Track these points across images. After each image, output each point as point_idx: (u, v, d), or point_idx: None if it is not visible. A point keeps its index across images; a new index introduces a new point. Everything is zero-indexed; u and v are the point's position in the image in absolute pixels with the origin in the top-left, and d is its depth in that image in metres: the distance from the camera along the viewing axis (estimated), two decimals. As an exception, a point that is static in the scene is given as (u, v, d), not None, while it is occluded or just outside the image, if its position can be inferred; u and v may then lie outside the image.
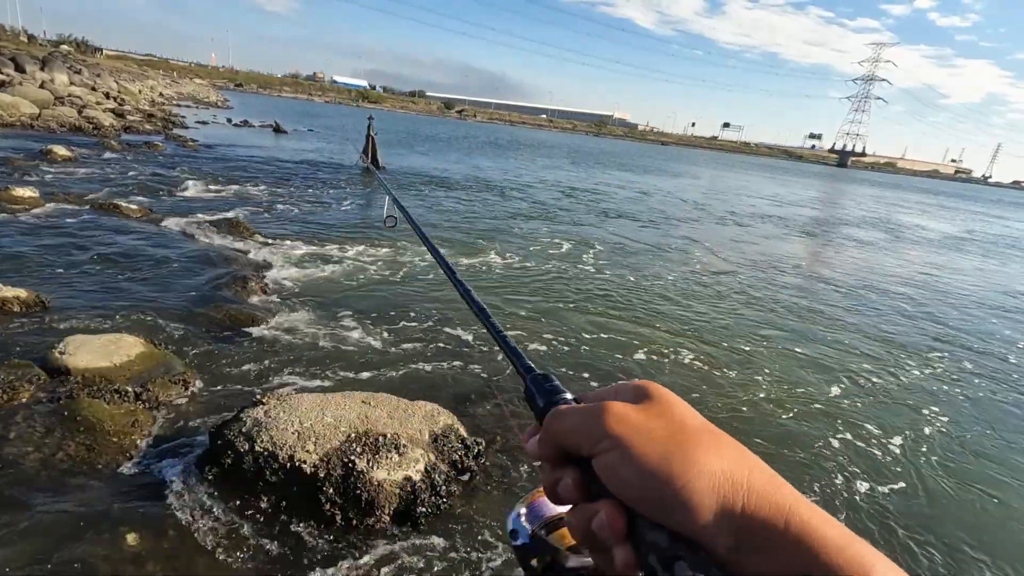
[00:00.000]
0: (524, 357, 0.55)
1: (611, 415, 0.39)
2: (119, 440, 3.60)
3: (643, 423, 0.39)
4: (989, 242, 24.30)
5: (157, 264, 7.19)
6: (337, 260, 8.48)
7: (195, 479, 3.32)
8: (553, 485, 0.42)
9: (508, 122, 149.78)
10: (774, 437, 4.88)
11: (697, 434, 0.38)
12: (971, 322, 9.78)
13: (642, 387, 0.42)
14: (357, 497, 3.17)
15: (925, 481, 4.55)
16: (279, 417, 3.43)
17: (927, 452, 5.00)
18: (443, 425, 3.85)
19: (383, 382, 4.93)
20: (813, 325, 8.25)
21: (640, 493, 0.36)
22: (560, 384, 0.49)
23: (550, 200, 18.78)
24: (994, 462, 5.03)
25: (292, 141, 28.94)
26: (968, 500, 4.42)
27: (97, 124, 21.28)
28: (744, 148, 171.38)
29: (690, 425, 0.39)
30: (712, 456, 0.37)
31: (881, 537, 3.79)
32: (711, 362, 6.33)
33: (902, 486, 4.42)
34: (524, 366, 0.53)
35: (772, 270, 11.86)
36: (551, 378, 0.50)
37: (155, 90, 49.70)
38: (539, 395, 0.49)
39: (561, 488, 0.41)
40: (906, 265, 15.07)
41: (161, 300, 6.04)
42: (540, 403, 0.48)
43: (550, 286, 8.58)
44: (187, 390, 4.36)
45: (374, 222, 11.62)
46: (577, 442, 0.41)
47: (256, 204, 11.89)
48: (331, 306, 6.51)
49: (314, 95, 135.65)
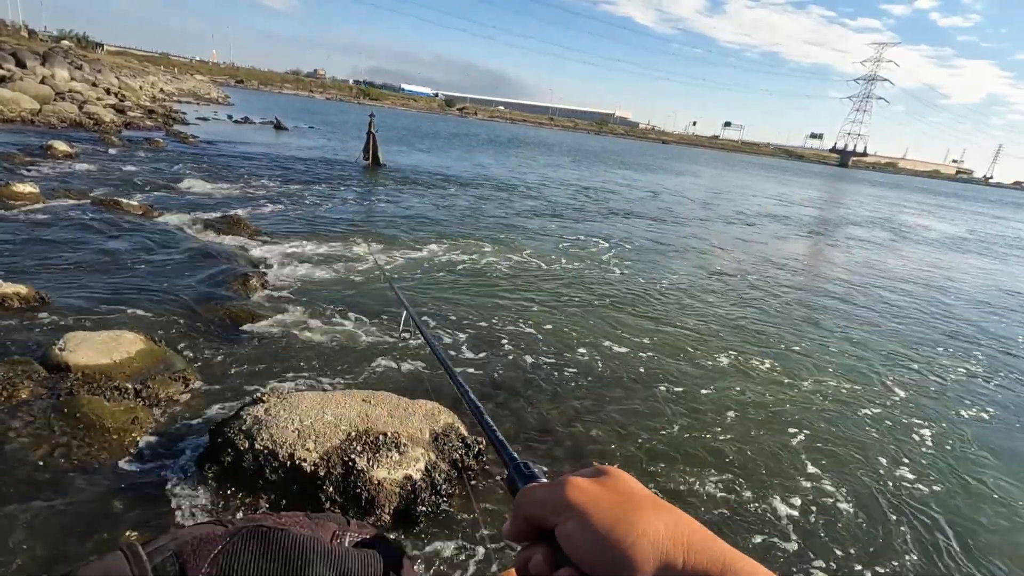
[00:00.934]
0: (508, 447, 0.60)
1: (571, 487, 0.45)
2: (119, 437, 3.60)
3: (597, 493, 0.44)
4: (1001, 244, 24.26)
5: (158, 261, 7.18)
6: (338, 258, 8.47)
7: (195, 477, 3.32)
8: (524, 563, 0.46)
9: (509, 120, 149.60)
10: (818, 427, 4.87)
11: (641, 502, 0.43)
12: (986, 320, 9.77)
13: (601, 468, 0.48)
14: (357, 496, 3.16)
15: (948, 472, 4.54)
16: (279, 415, 3.42)
17: (955, 445, 5.00)
18: (444, 424, 3.84)
19: (384, 381, 4.92)
20: (829, 320, 8.24)
21: (593, 556, 0.41)
22: (538, 470, 0.55)
23: (555, 198, 18.75)
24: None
25: (293, 138, 28.91)
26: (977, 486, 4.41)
27: (98, 120, 21.26)
28: (745, 147, 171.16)
29: (636, 495, 0.44)
30: (653, 520, 0.42)
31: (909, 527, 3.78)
32: (745, 363, 6.32)
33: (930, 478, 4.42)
34: (508, 455, 0.58)
35: (785, 269, 11.84)
36: (531, 465, 0.55)
37: (156, 86, 49.63)
38: (518, 479, 0.54)
39: (532, 565, 0.45)
40: (926, 264, 15.05)
41: (162, 297, 6.03)
42: (518, 485, 0.52)
43: (559, 283, 8.56)
44: (187, 388, 4.35)
45: (375, 220, 11.60)
46: (542, 513, 0.45)
47: (257, 201, 11.88)
48: (332, 304, 6.50)
49: (315, 92, 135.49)
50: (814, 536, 3.72)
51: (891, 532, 3.87)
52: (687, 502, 3.85)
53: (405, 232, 10.79)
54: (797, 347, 7.19)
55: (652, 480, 4.05)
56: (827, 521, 3.87)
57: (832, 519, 3.91)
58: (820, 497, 4.13)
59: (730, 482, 4.13)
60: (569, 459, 4.16)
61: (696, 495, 3.95)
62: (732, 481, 4.15)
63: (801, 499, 4.05)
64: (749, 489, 4.08)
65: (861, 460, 4.72)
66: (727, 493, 4.01)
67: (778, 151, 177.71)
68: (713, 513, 3.78)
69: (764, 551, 3.52)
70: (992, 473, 4.85)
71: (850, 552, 3.62)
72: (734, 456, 4.48)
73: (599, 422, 4.72)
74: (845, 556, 3.58)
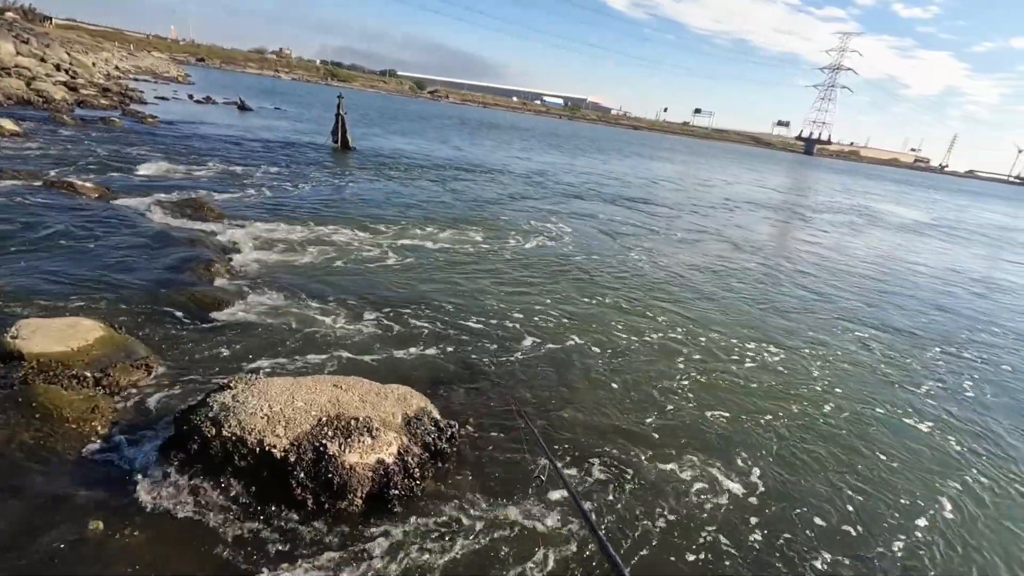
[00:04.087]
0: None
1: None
2: (78, 427, 3.49)
3: None
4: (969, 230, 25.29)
5: (116, 246, 6.91)
6: (306, 242, 8.30)
7: (160, 465, 3.24)
8: None
9: (482, 104, 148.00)
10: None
11: None
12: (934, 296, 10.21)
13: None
14: (329, 481, 3.15)
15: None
16: (247, 402, 3.36)
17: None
18: (416, 408, 3.84)
19: (355, 365, 4.88)
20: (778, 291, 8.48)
21: None
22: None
23: (531, 182, 18.71)
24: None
25: (258, 119, 28.04)
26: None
27: (48, 97, 20.19)
28: (715, 135, 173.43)
29: None
30: None
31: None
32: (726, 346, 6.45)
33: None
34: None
35: (746, 251, 12.11)
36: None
37: (110, 63, 47.30)
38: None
39: None
40: (898, 249, 15.60)
41: (121, 283, 5.82)
42: None
43: (536, 266, 8.58)
44: (150, 375, 4.23)
45: (344, 204, 11.39)
46: None
47: (221, 184, 11.52)
48: (300, 289, 6.39)
49: (280, 72, 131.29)
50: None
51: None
52: (658, 486, 3.96)
53: (375, 216, 10.63)
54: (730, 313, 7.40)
55: (629, 456, 4.13)
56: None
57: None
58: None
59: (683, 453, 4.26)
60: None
61: (657, 472, 4.06)
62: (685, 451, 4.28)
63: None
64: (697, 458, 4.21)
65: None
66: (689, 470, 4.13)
67: (746, 138, 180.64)
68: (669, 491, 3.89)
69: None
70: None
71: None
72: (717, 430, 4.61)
73: (570, 404, 4.79)
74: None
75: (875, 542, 3.71)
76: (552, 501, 3.55)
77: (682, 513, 3.67)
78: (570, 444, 4.23)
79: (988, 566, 3.68)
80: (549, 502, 3.54)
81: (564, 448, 4.17)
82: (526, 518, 3.38)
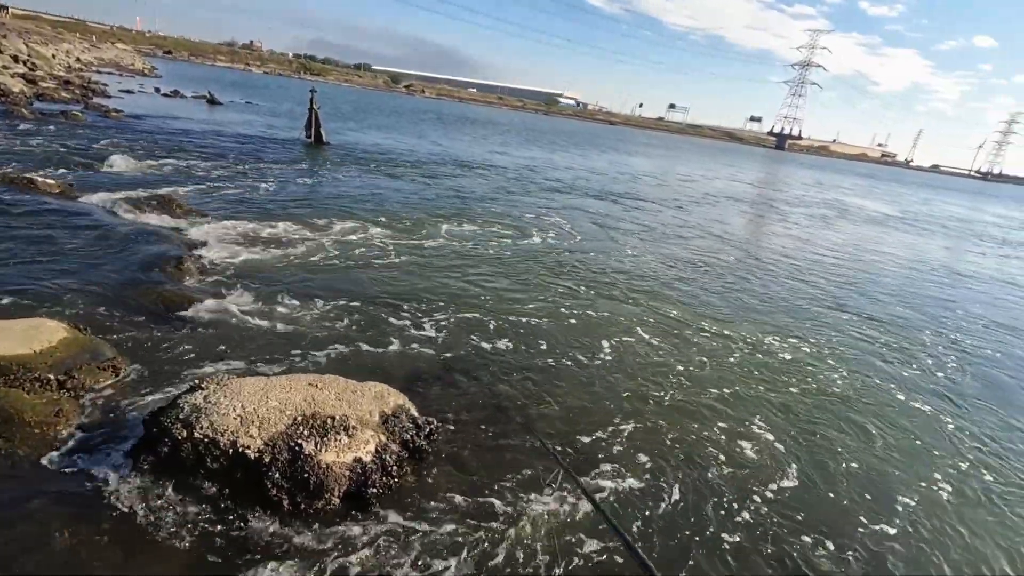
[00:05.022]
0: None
1: None
2: (42, 431, 3.37)
3: None
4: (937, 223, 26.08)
5: (81, 244, 6.68)
6: (279, 239, 8.16)
7: (129, 469, 3.16)
8: None
9: (458, 99, 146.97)
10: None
11: None
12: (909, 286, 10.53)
13: None
14: (305, 481, 3.10)
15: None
16: (220, 402, 3.29)
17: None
18: (394, 405, 3.81)
19: (331, 363, 4.82)
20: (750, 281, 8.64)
21: None
22: None
23: (509, 178, 18.66)
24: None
25: (228, 113, 27.39)
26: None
27: (5, 90, 19.38)
28: (689, 130, 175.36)
29: None
30: None
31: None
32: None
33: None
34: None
35: (724, 240, 12.30)
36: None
37: (72, 55, 45.60)
38: None
39: None
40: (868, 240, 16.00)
41: (87, 283, 5.63)
42: None
43: (515, 262, 8.57)
44: (117, 377, 4.11)
45: (317, 200, 11.22)
46: None
47: (190, 180, 11.23)
48: (273, 287, 6.28)
49: (251, 65, 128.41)
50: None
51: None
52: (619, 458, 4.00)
53: (349, 212, 10.49)
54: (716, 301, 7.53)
55: (603, 438, 4.17)
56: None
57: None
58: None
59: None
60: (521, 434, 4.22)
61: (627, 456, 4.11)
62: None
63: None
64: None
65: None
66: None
67: (720, 133, 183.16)
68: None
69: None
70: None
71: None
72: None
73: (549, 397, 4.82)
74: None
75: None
76: (532, 495, 3.56)
77: (687, 497, 3.72)
78: (554, 434, 4.25)
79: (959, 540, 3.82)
80: (530, 496, 3.56)
81: (551, 437, 4.19)
82: (507, 513, 3.39)
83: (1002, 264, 17.26)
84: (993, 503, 4.37)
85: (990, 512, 4.26)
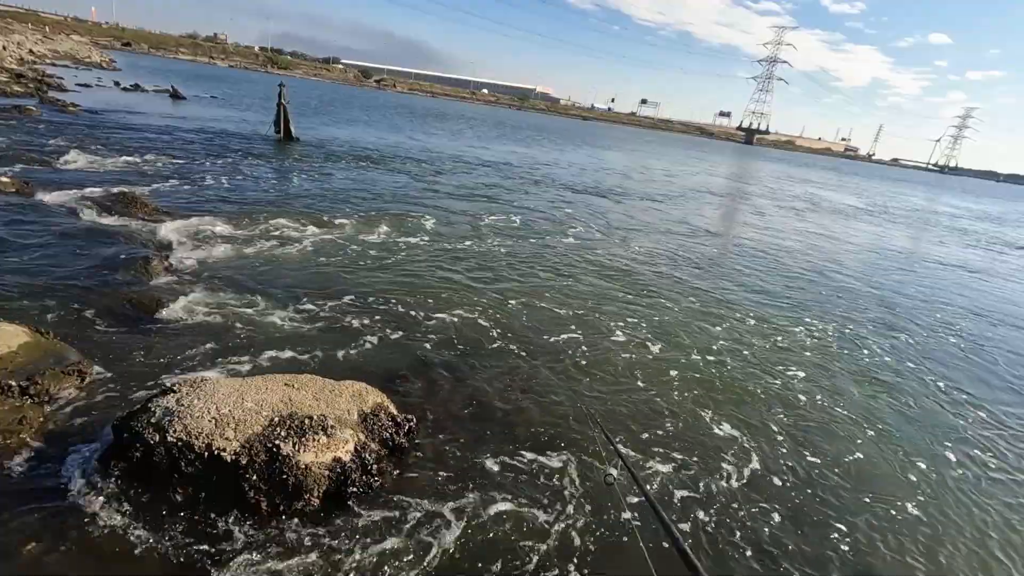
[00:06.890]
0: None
1: None
2: (3, 440, 3.25)
3: None
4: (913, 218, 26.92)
5: (41, 245, 6.43)
6: (249, 237, 7.98)
7: (99, 476, 3.07)
8: None
9: (430, 93, 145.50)
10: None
11: None
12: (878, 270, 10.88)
13: None
14: (283, 482, 3.06)
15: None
16: (193, 405, 3.22)
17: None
18: (372, 403, 3.79)
19: (307, 363, 4.75)
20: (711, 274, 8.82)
21: None
22: None
23: (487, 172, 18.57)
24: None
25: (193, 108, 26.59)
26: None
27: (-48, 84, 18.45)
28: (661, 125, 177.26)
29: None
30: None
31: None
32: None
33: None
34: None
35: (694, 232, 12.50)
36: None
37: (23, 47, 43.58)
38: None
39: None
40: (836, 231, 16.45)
41: (48, 285, 5.42)
42: None
43: (492, 257, 8.55)
44: (84, 382, 3.98)
45: (287, 197, 11.01)
46: None
47: (154, 178, 10.89)
48: (244, 286, 6.15)
49: (216, 58, 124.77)
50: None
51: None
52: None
53: (321, 209, 10.32)
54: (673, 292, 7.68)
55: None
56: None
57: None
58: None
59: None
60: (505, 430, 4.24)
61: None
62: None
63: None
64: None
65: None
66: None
67: (691, 128, 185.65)
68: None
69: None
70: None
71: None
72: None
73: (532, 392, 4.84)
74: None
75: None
76: (509, 488, 3.59)
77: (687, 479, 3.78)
78: (528, 431, 4.28)
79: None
80: (509, 490, 3.58)
81: (524, 435, 4.21)
82: (486, 508, 3.40)
83: (962, 251, 18.02)
84: None
85: None
